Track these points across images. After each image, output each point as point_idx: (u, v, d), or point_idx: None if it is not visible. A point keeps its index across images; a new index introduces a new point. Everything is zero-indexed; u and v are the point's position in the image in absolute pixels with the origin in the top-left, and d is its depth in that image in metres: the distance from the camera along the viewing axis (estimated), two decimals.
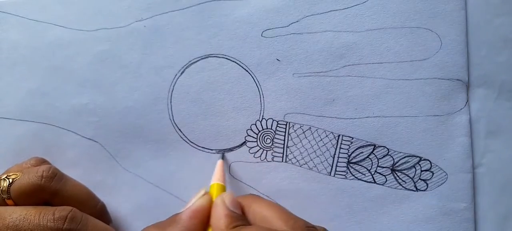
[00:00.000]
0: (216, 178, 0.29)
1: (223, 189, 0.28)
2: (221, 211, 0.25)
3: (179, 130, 0.31)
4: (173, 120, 0.31)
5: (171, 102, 0.31)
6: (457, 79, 0.30)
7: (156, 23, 0.31)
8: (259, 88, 0.31)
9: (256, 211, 0.25)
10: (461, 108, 0.30)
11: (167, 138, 0.31)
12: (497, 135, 0.31)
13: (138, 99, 0.31)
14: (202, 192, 0.26)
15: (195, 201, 0.25)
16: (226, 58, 0.31)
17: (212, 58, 0.31)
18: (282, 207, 0.25)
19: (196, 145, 0.31)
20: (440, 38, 0.30)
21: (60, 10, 0.31)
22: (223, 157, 0.31)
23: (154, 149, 0.31)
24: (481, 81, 0.31)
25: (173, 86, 0.31)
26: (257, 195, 0.28)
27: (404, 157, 0.30)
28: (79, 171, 0.31)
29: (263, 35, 0.30)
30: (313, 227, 0.24)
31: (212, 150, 0.31)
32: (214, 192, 0.28)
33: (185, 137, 0.31)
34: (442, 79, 0.30)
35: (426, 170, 0.30)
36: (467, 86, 0.30)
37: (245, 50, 0.30)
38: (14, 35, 0.31)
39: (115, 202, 0.31)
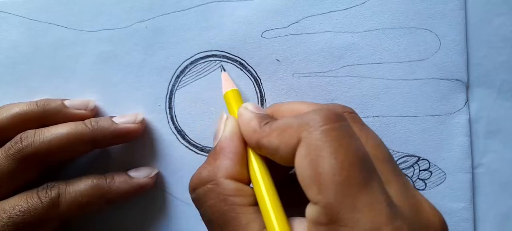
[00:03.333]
0: (227, 86, 0.29)
1: (238, 93, 0.28)
2: (248, 116, 0.24)
3: (180, 130, 0.31)
4: (174, 119, 0.31)
5: (172, 102, 0.31)
6: (457, 79, 0.31)
7: (157, 24, 0.31)
8: (259, 89, 0.31)
9: (282, 109, 0.25)
10: (460, 108, 0.31)
11: (167, 137, 0.31)
12: (497, 135, 0.32)
13: (139, 99, 0.31)
14: (224, 116, 0.25)
15: (223, 126, 0.25)
16: (227, 59, 0.31)
17: (212, 58, 0.31)
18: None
19: (196, 145, 0.31)
20: (439, 38, 0.31)
21: (61, 10, 0.31)
22: (223, 69, 0.31)
23: (154, 149, 0.31)
24: (481, 81, 0.31)
25: (174, 86, 0.31)
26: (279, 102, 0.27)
27: (403, 157, 0.31)
28: (78, 171, 0.31)
29: (263, 35, 0.31)
30: (353, 110, 0.24)
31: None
32: (231, 99, 0.28)
33: (186, 136, 0.31)
34: (442, 79, 0.31)
35: (424, 170, 0.31)
36: (467, 86, 0.31)
37: (245, 51, 0.31)
38: (15, 35, 0.31)
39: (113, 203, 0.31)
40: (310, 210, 0.20)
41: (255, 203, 0.22)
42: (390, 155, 0.22)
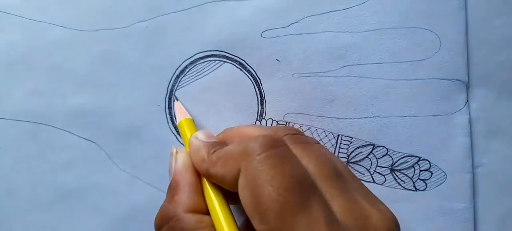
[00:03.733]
0: (180, 115, 0.29)
1: (191, 122, 0.29)
2: (197, 145, 0.25)
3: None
4: (173, 120, 0.31)
5: (171, 102, 0.31)
6: (457, 79, 0.31)
7: (157, 24, 0.31)
8: (259, 89, 0.31)
9: (232, 133, 0.26)
10: (460, 109, 0.31)
11: (166, 138, 0.31)
12: (497, 135, 0.32)
13: (138, 99, 0.31)
14: (174, 150, 0.26)
15: (175, 160, 0.25)
16: (226, 59, 0.31)
17: (212, 58, 0.31)
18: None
19: None
20: (439, 38, 0.31)
21: (60, 10, 0.31)
22: (176, 99, 0.31)
23: (153, 149, 0.31)
24: (481, 81, 0.31)
25: (174, 86, 0.31)
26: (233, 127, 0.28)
27: (403, 157, 0.31)
28: (75, 172, 0.31)
29: (262, 35, 0.31)
30: (297, 130, 0.25)
31: None
32: (185, 128, 0.28)
33: None
34: (442, 79, 0.31)
35: (425, 170, 0.31)
36: (467, 86, 0.31)
37: (245, 51, 0.31)
38: (13, 35, 0.31)
39: (112, 203, 0.31)
40: None
41: None
42: (337, 170, 0.23)
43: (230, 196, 0.24)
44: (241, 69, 0.31)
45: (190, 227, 0.23)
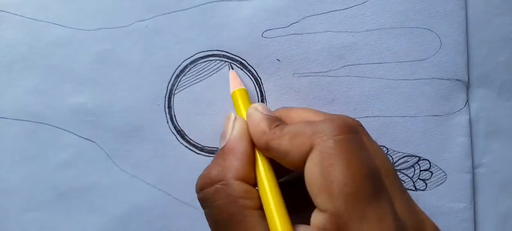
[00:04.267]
0: (234, 85, 0.29)
1: (246, 92, 0.28)
2: (258, 117, 0.24)
3: (179, 129, 0.31)
4: (173, 119, 0.31)
5: (171, 102, 0.31)
6: (457, 79, 0.31)
7: (157, 24, 0.31)
8: (259, 88, 0.31)
9: (291, 114, 0.25)
10: (460, 109, 0.31)
11: (166, 137, 0.31)
12: (497, 135, 0.32)
13: (138, 98, 0.31)
14: (233, 116, 0.25)
15: (232, 126, 0.25)
16: (227, 58, 0.31)
17: (212, 58, 0.31)
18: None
19: (196, 145, 0.31)
20: (439, 38, 0.31)
21: (59, 9, 0.31)
22: (231, 67, 0.31)
23: (152, 149, 0.31)
24: (481, 81, 0.32)
25: (174, 86, 0.31)
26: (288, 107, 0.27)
27: (403, 157, 0.31)
28: (74, 171, 0.31)
29: (263, 35, 0.31)
30: (352, 119, 0.25)
31: (211, 150, 0.31)
32: (239, 98, 0.28)
33: (185, 136, 0.31)
34: (442, 79, 0.31)
35: (425, 170, 0.31)
36: (467, 86, 0.31)
37: (245, 51, 0.31)
38: (12, 34, 0.31)
39: (112, 203, 0.32)
40: (316, 217, 0.20)
41: (261, 207, 0.22)
42: (395, 171, 0.23)
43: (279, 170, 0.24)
44: (241, 69, 0.31)
45: (237, 195, 0.22)
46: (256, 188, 0.23)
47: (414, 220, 0.21)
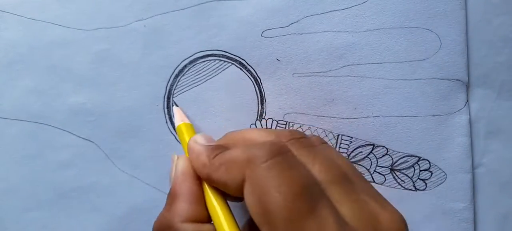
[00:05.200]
0: (178, 120, 0.29)
1: (191, 127, 0.28)
2: (197, 149, 0.24)
3: None
4: (172, 120, 0.32)
5: (170, 102, 0.32)
6: (457, 79, 0.31)
7: (156, 23, 0.31)
8: (259, 88, 0.32)
9: (235, 138, 0.26)
10: (460, 109, 0.31)
11: (165, 138, 0.31)
12: (497, 135, 0.32)
13: (137, 99, 0.31)
14: (175, 156, 0.26)
15: (175, 166, 0.25)
16: (226, 58, 0.31)
17: (212, 58, 0.31)
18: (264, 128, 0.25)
19: None
20: (439, 38, 0.31)
21: (59, 9, 0.31)
22: (176, 104, 0.31)
23: (152, 149, 0.31)
24: (481, 81, 0.32)
25: (173, 86, 0.31)
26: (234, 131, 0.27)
27: (403, 157, 0.32)
28: (74, 172, 0.31)
29: (263, 35, 0.31)
30: (301, 134, 0.25)
31: None
32: (184, 132, 0.28)
33: None
34: (442, 79, 0.31)
35: (425, 170, 0.32)
36: (467, 86, 0.31)
37: (245, 50, 0.31)
38: (11, 34, 0.31)
39: (111, 203, 0.32)
40: None
41: None
42: (343, 173, 0.23)
43: (231, 196, 0.24)
44: (241, 69, 0.31)
45: None
46: (211, 222, 0.24)
47: (365, 219, 0.21)
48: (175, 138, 0.31)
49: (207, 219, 0.24)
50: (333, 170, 0.22)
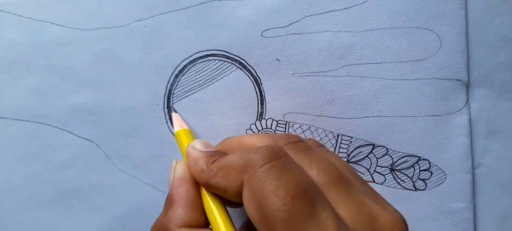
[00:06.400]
0: (177, 126, 0.29)
1: (189, 133, 0.28)
2: (195, 155, 0.24)
3: None
4: (173, 119, 0.31)
5: (170, 102, 0.32)
6: (457, 79, 0.31)
7: (156, 23, 0.31)
8: (259, 88, 0.32)
9: (233, 144, 0.26)
10: (460, 108, 0.32)
11: (166, 138, 0.31)
12: (497, 135, 0.32)
13: (137, 98, 0.31)
14: (174, 162, 0.26)
15: (173, 171, 0.25)
16: (226, 58, 0.32)
17: (212, 58, 0.32)
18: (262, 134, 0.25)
19: None
20: (439, 38, 0.31)
21: (59, 9, 0.31)
22: (174, 110, 0.31)
23: (152, 149, 0.31)
24: (481, 81, 0.32)
25: (173, 86, 0.32)
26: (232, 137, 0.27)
27: (403, 157, 0.32)
28: (74, 172, 0.31)
29: (263, 35, 0.31)
30: (298, 138, 0.25)
31: None
32: (182, 138, 0.28)
33: None
34: (442, 79, 0.31)
35: (425, 170, 0.32)
36: (467, 86, 0.32)
37: (245, 50, 0.31)
38: (12, 34, 0.31)
39: (111, 203, 0.32)
40: None
41: None
42: (341, 174, 0.23)
43: (230, 202, 0.24)
44: (241, 69, 0.31)
45: None
46: (210, 227, 0.24)
47: (364, 220, 0.21)
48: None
49: (204, 224, 0.24)
50: (331, 172, 0.22)
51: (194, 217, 0.23)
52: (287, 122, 0.32)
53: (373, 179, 0.32)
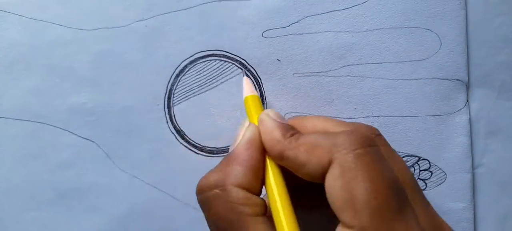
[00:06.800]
0: (247, 91, 0.28)
1: (258, 99, 0.28)
2: (270, 124, 0.23)
3: (179, 129, 0.32)
4: (173, 119, 0.32)
5: (171, 102, 0.32)
6: (457, 79, 0.31)
7: (157, 23, 0.31)
8: (260, 88, 0.32)
9: (306, 123, 0.25)
10: (460, 108, 0.32)
11: (166, 137, 0.31)
12: (497, 135, 0.32)
13: (137, 98, 0.31)
14: (246, 123, 0.25)
15: (243, 132, 0.24)
16: (227, 58, 0.32)
17: (212, 58, 0.32)
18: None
19: (196, 145, 0.32)
20: (439, 38, 0.31)
21: (60, 9, 0.31)
22: (246, 74, 0.31)
23: (152, 149, 0.31)
24: (481, 81, 0.32)
25: (173, 86, 0.32)
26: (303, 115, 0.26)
27: (403, 157, 0.32)
28: (74, 171, 0.31)
29: (263, 35, 0.31)
30: (378, 131, 0.24)
31: (211, 150, 0.32)
32: (251, 105, 0.27)
33: (185, 136, 0.32)
34: (442, 79, 0.31)
35: (425, 170, 0.32)
36: (467, 86, 0.32)
37: (245, 51, 0.31)
38: (13, 34, 0.31)
39: (111, 203, 0.32)
40: None
41: (264, 213, 0.22)
42: (414, 178, 0.23)
43: (292, 178, 0.23)
44: (241, 69, 0.32)
45: (236, 202, 0.22)
46: (263, 195, 0.23)
47: (436, 229, 0.21)
48: (176, 137, 0.32)
49: (258, 192, 0.23)
50: (409, 175, 0.22)
51: (251, 182, 0.23)
52: None
53: None
